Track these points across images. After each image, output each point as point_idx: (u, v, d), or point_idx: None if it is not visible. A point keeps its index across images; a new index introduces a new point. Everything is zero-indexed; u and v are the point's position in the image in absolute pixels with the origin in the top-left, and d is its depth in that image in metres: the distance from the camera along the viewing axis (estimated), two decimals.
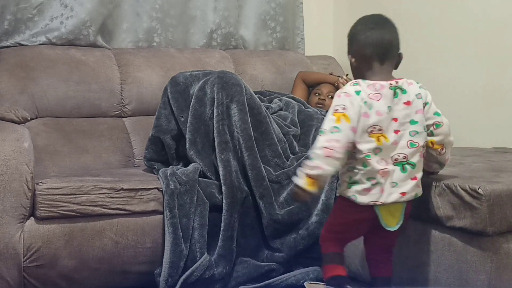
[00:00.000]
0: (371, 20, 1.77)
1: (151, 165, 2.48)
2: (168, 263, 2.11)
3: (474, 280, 1.76)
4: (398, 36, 1.77)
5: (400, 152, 1.64)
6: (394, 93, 1.67)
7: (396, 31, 1.77)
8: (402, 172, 1.64)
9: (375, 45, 1.70)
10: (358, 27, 1.76)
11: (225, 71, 2.56)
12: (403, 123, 1.65)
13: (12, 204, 2.00)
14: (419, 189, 1.73)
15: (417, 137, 1.66)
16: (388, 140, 1.63)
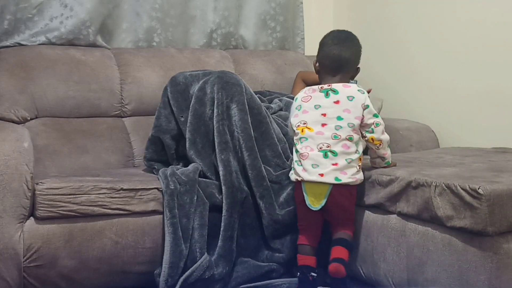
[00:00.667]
0: (337, 36, 2.11)
1: (151, 165, 2.48)
2: (168, 263, 2.11)
3: (474, 280, 1.76)
4: (359, 53, 2.11)
5: (324, 141, 1.97)
6: (326, 94, 2.02)
7: (356, 49, 2.11)
8: (324, 157, 1.96)
9: (332, 59, 2.06)
10: (325, 40, 2.12)
11: (225, 71, 2.56)
12: (330, 118, 1.98)
13: (12, 204, 2.00)
14: (342, 176, 1.98)
15: (340, 131, 1.98)
16: (312, 130, 1.99)
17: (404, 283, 1.99)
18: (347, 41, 2.09)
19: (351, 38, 2.12)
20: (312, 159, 1.98)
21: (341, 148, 1.97)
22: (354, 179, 2.01)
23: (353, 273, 2.24)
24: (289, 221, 2.28)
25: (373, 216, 2.13)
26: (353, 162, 2.00)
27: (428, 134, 2.86)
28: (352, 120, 1.98)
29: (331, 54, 2.07)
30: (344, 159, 1.98)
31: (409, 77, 3.15)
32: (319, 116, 2.01)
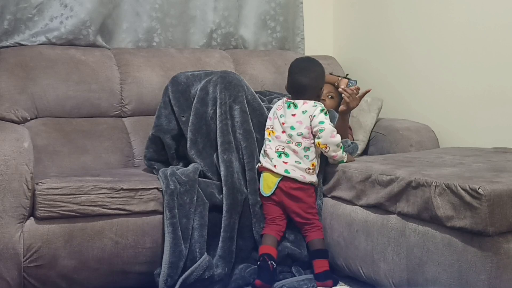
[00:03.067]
0: (298, 65, 2.41)
1: (151, 164, 2.48)
2: (167, 263, 2.11)
3: (474, 280, 1.76)
4: (319, 78, 2.40)
5: (280, 144, 2.32)
6: (288, 106, 2.35)
7: (315, 75, 2.39)
8: (278, 157, 2.30)
9: (294, 87, 2.38)
10: (290, 68, 2.42)
11: (227, 71, 2.56)
12: (287, 127, 2.32)
13: (12, 204, 2.00)
14: (291, 170, 2.28)
15: (292, 138, 2.31)
16: (274, 134, 2.34)
17: (404, 283, 1.99)
18: (305, 70, 2.38)
19: (310, 66, 2.41)
20: (271, 156, 2.31)
21: (292, 152, 2.30)
22: (302, 177, 2.28)
23: (353, 273, 2.24)
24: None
25: (373, 216, 2.13)
26: (302, 165, 2.29)
27: (428, 134, 2.86)
28: (302, 130, 2.30)
29: (294, 81, 2.38)
30: (294, 160, 2.29)
31: (409, 77, 3.15)
32: (280, 123, 2.34)
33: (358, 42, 3.52)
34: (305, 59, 2.58)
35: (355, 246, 2.19)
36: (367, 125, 2.92)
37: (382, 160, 2.32)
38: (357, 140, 2.88)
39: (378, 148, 2.89)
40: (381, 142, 2.89)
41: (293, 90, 2.40)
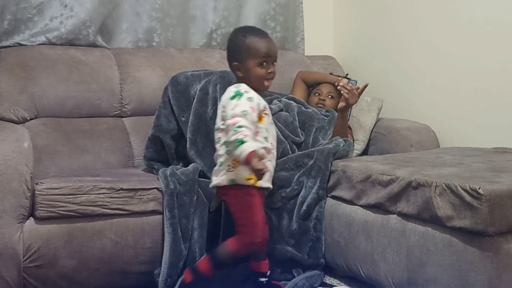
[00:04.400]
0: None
1: (151, 164, 2.48)
2: (167, 263, 2.11)
3: (474, 280, 1.76)
4: (230, 49, 2.12)
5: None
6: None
7: (228, 46, 2.13)
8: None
9: None
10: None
11: (227, 71, 2.56)
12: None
13: (11, 204, 2.00)
14: (214, 178, 2.08)
15: (215, 134, 2.10)
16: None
17: (404, 283, 1.99)
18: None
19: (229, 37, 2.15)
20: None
21: (216, 151, 2.07)
22: (220, 180, 2.04)
23: (353, 273, 2.24)
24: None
25: (373, 216, 2.13)
26: (223, 164, 2.02)
27: (428, 134, 2.86)
28: (218, 123, 2.07)
29: None
30: (218, 162, 2.05)
31: (409, 77, 3.15)
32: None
33: (358, 42, 3.52)
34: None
35: (355, 246, 2.19)
36: (367, 125, 2.92)
37: (382, 160, 2.31)
38: (357, 140, 2.88)
39: (378, 148, 2.89)
40: (381, 142, 2.89)
41: None
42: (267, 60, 2.06)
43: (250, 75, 2.05)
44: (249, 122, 1.94)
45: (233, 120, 1.93)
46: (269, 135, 2.06)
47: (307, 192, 2.34)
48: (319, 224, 2.34)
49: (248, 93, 2.01)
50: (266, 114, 2.05)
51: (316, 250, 2.32)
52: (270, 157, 2.05)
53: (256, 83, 2.05)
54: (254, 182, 1.98)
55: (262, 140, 2.02)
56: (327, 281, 2.31)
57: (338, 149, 2.42)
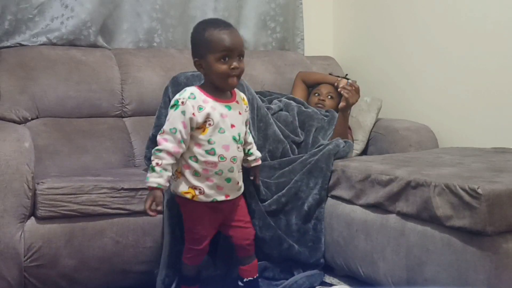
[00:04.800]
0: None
1: None
2: (165, 263, 2.11)
3: (473, 280, 1.77)
4: (192, 43, 1.94)
5: None
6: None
7: (191, 41, 1.95)
8: None
9: None
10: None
11: None
12: None
13: (12, 204, 2.01)
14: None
15: None
16: None
17: (403, 283, 1.99)
18: None
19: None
20: None
21: None
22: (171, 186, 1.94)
23: (353, 272, 2.24)
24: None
25: (373, 215, 2.13)
26: (175, 171, 1.91)
27: (428, 134, 2.86)
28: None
29: None
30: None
31: (408, 77, 3.16)
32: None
33: (358, 42, 3.52)
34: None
35: (355, 245, 2.20)
36: (366, 125, 2.92)
37: (382, 160, 2.32)
38: (357, 140, 2.89)
39: (377, 148, 2.89)
40: (380, 142, 2.89)
41: None
42: (228, 54, 1.84)
43: (211, 72, 1.86)
44: (174, 143, 1.83)
45: (158, 139, 1.85)
46: (217, 146, 1.86)
47: (307, 192, 2.34)
48: (319, 224, 2.34)
49: (185, 105, 1.83)
50: (211, 124, 1.85)
51: (316, 250, 2.32)
52: (222, 167, 1.88)
53: (218, 81, 1.87)
54: (191, 196, 1.89)
55: (202, 154, 1.86)
56: (327, 280, 2.32)
57: (338, 149, 2.42)
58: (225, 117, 1.88)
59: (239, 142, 1.93)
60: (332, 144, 2.46)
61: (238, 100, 1.97)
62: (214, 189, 1.90)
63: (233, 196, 1.97)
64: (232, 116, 1.91)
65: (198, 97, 1.86)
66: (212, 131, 1.86)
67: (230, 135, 1.89)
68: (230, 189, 1.94)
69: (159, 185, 1.81)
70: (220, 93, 1.91)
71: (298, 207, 2.32)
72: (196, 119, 1.84)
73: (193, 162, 1.87)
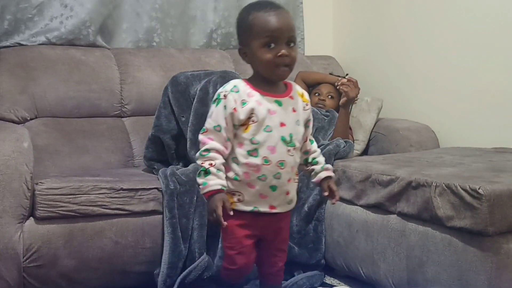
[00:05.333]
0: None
1: (151, 164, 2.48)
2: (166, 264, 2.11)
3: (474, 280, 1.76)
4: (237, 31, 1.69)
5: None
6: None
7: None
8: None
9: None
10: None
11: (227, 70, 2.57)
12: None
13: (11, 204, 2.00)
14: None
15: None
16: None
17: (404, 283, 1.99)
18: None
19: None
20: None
21: None
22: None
23: (353, 273, 2.24)
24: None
25: (373, 216, 2.13)
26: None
27: (428, 134, 2.86)
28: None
29: None
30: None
31: (409, 77, 3.15)
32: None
33: (358, 42, 3.52)
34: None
35: (355, 246, 2.19)
36: (367, 125, 2.92)
37: (382, 160, 2.31)
38: (357, 140, 2.88)
39: (378, 148, 2.89)
40: (381, 142, 2.88)
41: None
42: (274, 40, 1.59)
43: (255, 61, 1.64)
44: (220, 141, 1.62)
45: (202, 138, 1.64)
46: (261, 147, 1.62)
47: (308, 193, 2.33)
48: (319, 225, 2.34)
49: (226, 99, 1.63)
50: (254, 120, 1.62)
51: (317, 251, 2.32)
52: (266, 172, 1.63)
53: (264, 71, 1.63)
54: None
55: (244, 154, 1.63)
56: (327, 281, 2.32)
57: (338, 149, 2.42)
58: (273, 113, 1.63)
59: (291, 144, 1.65)
60: (332, 144, 2.45)
61: (294, 96, 1.69)
62: (256, 196, 1.65)
63: (281, 209, 1.69)
64: (282, 113, 1.64)
65: (242, 90, 1.63)
66: (256, 129, 1.62)
67: (278, 135, 1.63)
68: (276, 199, 1.67)
69: (223, 186, 1.60)
70: (270, 86, 1.65)
71: (298, 208, 2.31)
72: (238, 115, 1.61)
73: (234, 164, 1.64)
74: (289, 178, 1.67)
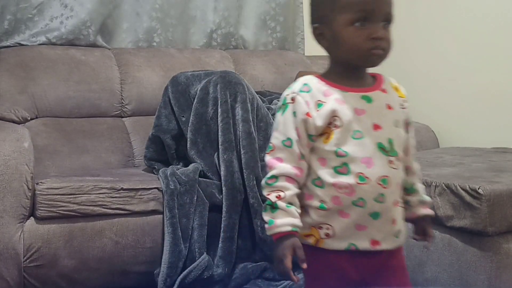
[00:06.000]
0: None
1: (151, 164, 2.48)
2: (166, 263, 2.11)
3: (474, 280, 1.76)
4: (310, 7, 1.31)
5: None
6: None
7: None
8: None
9: None
10: None
11: (227, 71, 2.56)
12: None
13: (12, 204, 2.00)
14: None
15: None
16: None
17: None
18: None
19: None
20: None
21: None
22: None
23: None
24: None
25: None
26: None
27: (428, 134, 2.86)
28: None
29: None
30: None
31: (409, 77, 3.15)
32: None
33: None
34: None
35: None
36: None
37: None
38: None
39: None
40: None
41: None
42: (368, 16, 1.20)
43: (339, 43, 1.22)
44: (292, 161, 1.22)
45: (268, 160, 1.25)
46: (352, 160, 1.20)
47: None
48: None
49: (295, 102, 1.23)
50: (338, 125, 1.21)
51: None
52: (363, 194, 1.20)
53: (351, 56, 1.22)
54: (314, 241, 1.24)
55: (329, 173, 1.21)
56: None
57: None
58: (362, 113, 1.22)
59: (392, 153, 1.22)
60: None
61: (386, 89, 1.31)
62: (351, 228, 1.22)
63: (387, 245, 1.23)
64: (374, 111, 1.24)
65: (316, 88, 1.24)
66: (341, 137, 1.21)
67: (373, 141, 1.21)
68: (379, 231, 1.22)
69: (294, 227, 1.20)
70: (353, 78, 1.26)
71: None
72: (314, 122, 1.21)
73: (317, 187, 1.23)
74: (395, 201, 1.23)
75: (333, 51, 1.27)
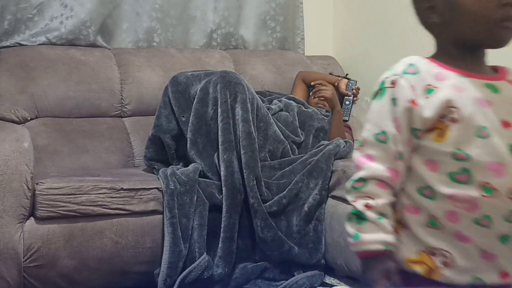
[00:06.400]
0: None
1: (151, 164, 2.48)
2: (166, 263, 2.11)
3: None
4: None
5: None
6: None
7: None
8: None
9: None
10: None
11: (227, 71, 2.57)
12: None
13: (12, 204, 2.00)
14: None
15: None
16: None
17: None
18: None
19: None
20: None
21: None
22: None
23: (353, 273, 2.24)
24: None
25: None
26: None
27: None
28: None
29: None
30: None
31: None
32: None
33: (358, 42, 3.52)
34: None
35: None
36: None
37: None
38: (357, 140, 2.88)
39: None
40: None
41: None
42: None
43: (457, 14, 1.01)
44: (387, 161, 1.00)
45: (357, 158, 1.04)
46: (475, 165, 0.95)
47: (308, 193, 2.34)
48: (319, 225, 2.34)
49: (397, 85, 1.01)
50: (456, 119, 0.96)
51: (317, 251, 2.32)
52: (489, 210, 0.95)
53: (477, 28, 1.00)
54: (426, 271, 0.99)
55: (443, 181, 0.96)
56: (327, 281, 2.32)
57: (338, 149, 2.42)
58: (487, 105, 0.98)
59: None
60: (332, 144, 2.45)
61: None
62: (475, 257, 0.97)
63: None
64: (502, 105, 0.99)
65: (425, 70, 1.02)
66: (460, 134, 0.96)
67: (503, 142, 0.96)
68: (510, 260, 0.97)
69: (387, 246, 0.99)
70: (471, 62, 1.04)
71: (298, 208, 2.32)
72: (420, 112, 0.97)
73: (425, 198, 0.98)
74: None
75: (446, 28, 1.04)
